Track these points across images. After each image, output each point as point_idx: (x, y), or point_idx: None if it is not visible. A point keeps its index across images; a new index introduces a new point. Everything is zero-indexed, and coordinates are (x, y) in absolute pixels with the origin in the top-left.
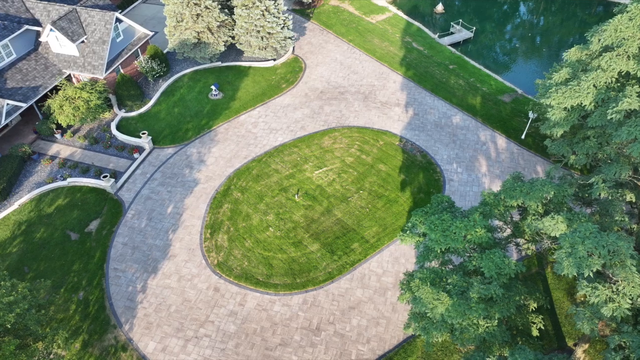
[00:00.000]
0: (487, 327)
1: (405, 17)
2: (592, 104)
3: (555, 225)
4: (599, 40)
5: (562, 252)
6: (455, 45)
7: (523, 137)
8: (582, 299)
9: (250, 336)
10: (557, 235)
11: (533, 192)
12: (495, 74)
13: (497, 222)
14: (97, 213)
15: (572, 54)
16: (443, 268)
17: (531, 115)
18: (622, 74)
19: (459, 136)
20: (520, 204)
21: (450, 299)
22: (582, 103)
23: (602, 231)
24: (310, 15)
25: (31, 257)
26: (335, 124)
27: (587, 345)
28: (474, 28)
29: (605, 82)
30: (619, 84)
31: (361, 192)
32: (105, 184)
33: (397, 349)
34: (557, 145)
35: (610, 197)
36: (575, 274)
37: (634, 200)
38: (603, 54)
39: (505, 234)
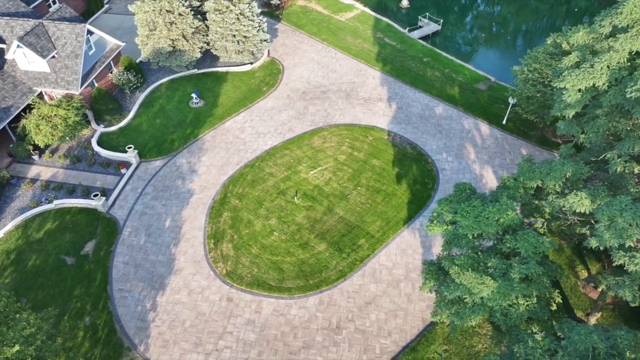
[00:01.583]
0: (527, 305)
1: (373, 13)
2: (606, 84)
3: (580, 202)
4: (610, 22)
5: (601, 225)
6: (424, 38)
7: (504, 122)
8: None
9: (271, 342)
10: (583, 211)
11: (553, 172)
12: (467, 64)
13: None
14: (91, 234)
15: (579, 38)
16: (479, 253)
17: (511, 100)
18: (632, 53)
19: (444, 126)
20: (539, 185)
21: (495, 282)
22: (595, 84)
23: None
24: (280, 16)
25: (26, 287)
26: (323, 123)
27: (599, 314)
28: (441, 21)
29: (618, 63)
30: (629, 64)
31: (359, 188)
32: (96, 203)
33: (418, 339)
34: (568, 125)
35: (625, 171)
36: (616, 245)
37: (631, 171)
38: (616, 35)
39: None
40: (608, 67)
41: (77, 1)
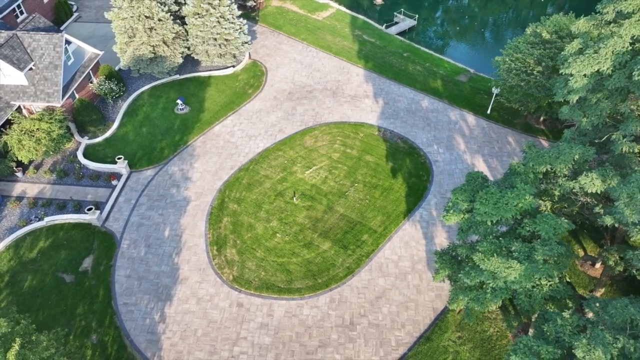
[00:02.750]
0: (550, 285)
1: (348, 11)
2: (610, 69)
3: (592, 182)
4: (614, 9)
5: (621, 202)
6: (402, 34)
7: (489, 112)
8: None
9: (287, 344)
10: (594, 191)
11: (563, 156)
12: (446, 57)
13: None
14: (87, 249)
15: (581, 25)
16: (500, 239)
17: (495, 90)
18: (634, 38)
19: (432, 119)
20: (549, 169)
21: (522, 265)
22: (600, 69)
23: None
24: (257, 18)
25: (25, 309)
26: (312, 122)
27: (602, 290)
28: (416, 16)
29: (622, 48)
30: (631, 48)
31: (356, 184)
32: (90, 217)
33: (432, 328)
34: (571, 110)
35: (630, 151)
36: (636, 221)
37: (635, 151)
38: (618, 21)
39: None
40: (612, 52)
41: (45, 10)
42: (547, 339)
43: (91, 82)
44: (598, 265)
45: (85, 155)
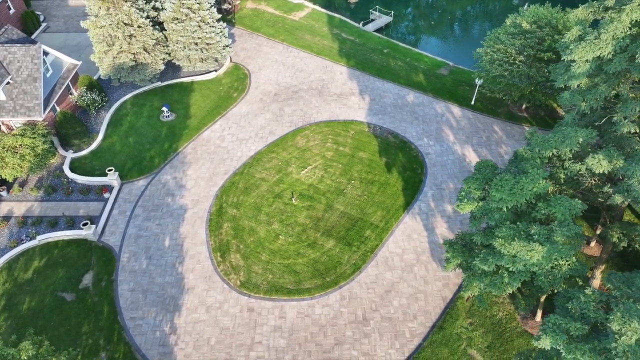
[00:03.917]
0: (568, 264)
1: (324, 10)
2: (611, 53)
3: (599, 163)
4: None
5: (635, 180)
6: (379, 30)
7: (473, 102)
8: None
9: (303, 345)
10: (601, 171)
11: (568, 140)
12: (425, 52)
13: None
14: (85, 266)
15: (579, 13)
16: (518, 223)
17: (478, 81)
18: (632, 22)
19: (419, 113)
20: (554, 153)
21: (543, 247)
22: (601, 54)
23: None
24: (233, 21)
25: (26, 332)
26: (302, 122)
27: (603, 267)
28: (392, 12)
29: (622, 32)
30: (629, 33)
31: (353, 182)
32: (86, 232)
33: (443, 317)
34: (572, 95)
35: (631, 131)
36: None
37: (637, 130)
38: (620, 7)
39: None
40: (613, 37)
41: (12, 22)
42: (573, 316)
43: (71, 94)
44: (593, 244)
45: (72, 169)
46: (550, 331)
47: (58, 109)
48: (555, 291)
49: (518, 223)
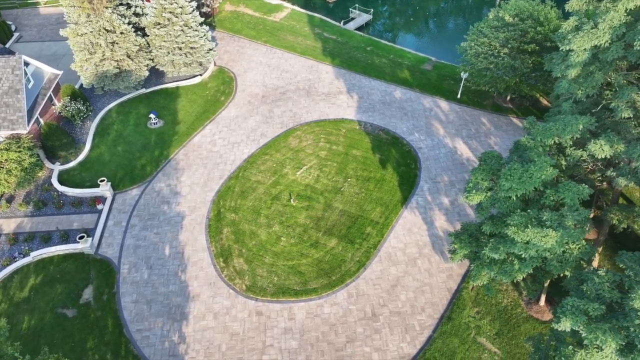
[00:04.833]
0: (579, 248)
1: (303, 11)
2: (608, 42)
3: (601, 148)
4: None
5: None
6: (360, 29)
7: (459, 96)
8: None
9: (315, 345)
10: (603, 156)
11: (570, 127)
12: (407, 48)
13: None
14: (85, 280)
15: (574, 4)
16: (529, 210)
17: (463, 75)
18: (627, 11)
19: (407, 108)
20: (555, 141)
21: (556, 232)
22: (598, 43)
23: None
24: (213, 24)
25: (29, 351)
26: (293, 123)
27: (600, 249)
28: (371, 10)
29: (618, 21)
30: (625, 21)
31: (349, 180)
32: (82, 245)
33: (451, 307)
34: (569, 84)
35: (629, 116)
36: None
37: (631, 116)
38: None
39: None
40: (609, 26)
41: None
42: (589, 298)
43: (54, 105)
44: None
45: (61, 182)
46: (570, 313)
47: (42, 120)
48: (561, 275)
49: (529, 210)
